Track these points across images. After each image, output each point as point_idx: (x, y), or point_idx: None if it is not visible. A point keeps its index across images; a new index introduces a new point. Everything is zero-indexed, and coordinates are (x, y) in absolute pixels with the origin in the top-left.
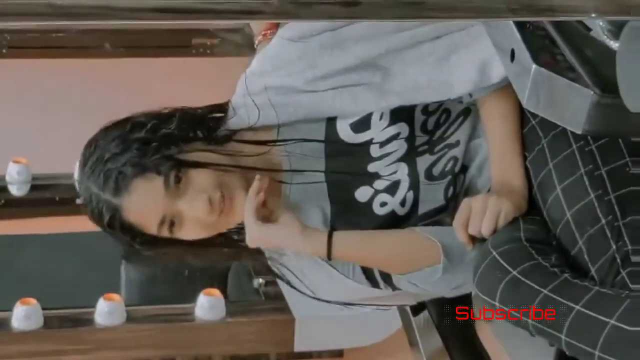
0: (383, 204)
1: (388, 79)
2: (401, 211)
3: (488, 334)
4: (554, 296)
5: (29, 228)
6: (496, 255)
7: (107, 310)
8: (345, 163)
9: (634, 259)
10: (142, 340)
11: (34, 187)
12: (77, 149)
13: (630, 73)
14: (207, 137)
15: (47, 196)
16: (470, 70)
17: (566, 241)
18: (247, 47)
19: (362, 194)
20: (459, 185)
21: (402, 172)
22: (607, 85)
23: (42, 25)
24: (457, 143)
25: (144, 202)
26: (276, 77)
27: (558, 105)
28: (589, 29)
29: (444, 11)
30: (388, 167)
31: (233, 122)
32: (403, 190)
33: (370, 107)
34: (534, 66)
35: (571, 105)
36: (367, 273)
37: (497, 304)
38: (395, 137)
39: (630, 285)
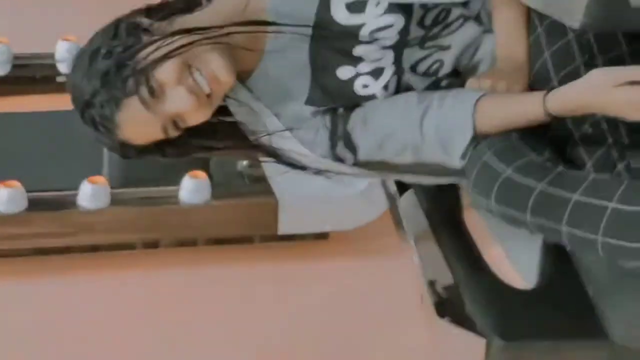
0: (365, 86)
1: None
2: (382, 95)
3: (474, 220)
4: (551, 188)
5: (10, 107)
6: (490, 154)
7: (90, 193)
8: (332, 43)
9: (631, 153)
10: (126, 223)
11: (15, 67)
12: (58, 29)
13: None
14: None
15: (28, 75)
16: None
17: (561, 134)
18: None
19: (344, 72)
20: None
21: (388, 59)
22: None
23: None
24: (449, 47)
25: (138, 128)
26: None
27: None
28: None
29: None
30: (374, 53)
31: None
32: (387, 76)
33: None
34: None
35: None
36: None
37: (493, 203)
38: (388, 26)
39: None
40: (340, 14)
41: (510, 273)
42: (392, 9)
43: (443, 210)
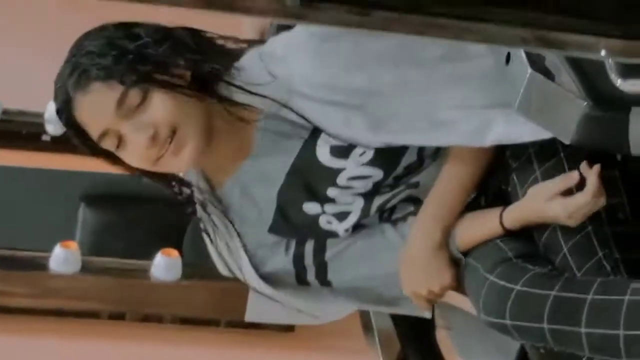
0: (329, 222)
1: (388, 113)
2: (342, 234)
3: (447, 340)
4: (564, 294)
5: None
6: (493, 279)
7: (62, 257)
8: (307, 179)
9: (624, 267)
10: (93, 292)
11: (2, 121)
12: (50, 88)
13: None
14: (195, 66)
15: (14, 129)
16: (470, 126)
17: (552, 249)
18: None
19: (310, 207)
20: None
21: (357, 205)
22: (600, 97)
23: None
24: (417, 184)
25: (94, 107)
26: (280, 66)
27: (549, 112)
28: None
29: (455, 33)
30: (345, 197)
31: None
32: (351, 221)
33: (360, 136)
34: (529, 71)
35: (562, 115)
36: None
37: (508, 322)
38: (366, 177)
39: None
40: (324, 155)
41: None
42: (374, 162)
43: (415, 325)
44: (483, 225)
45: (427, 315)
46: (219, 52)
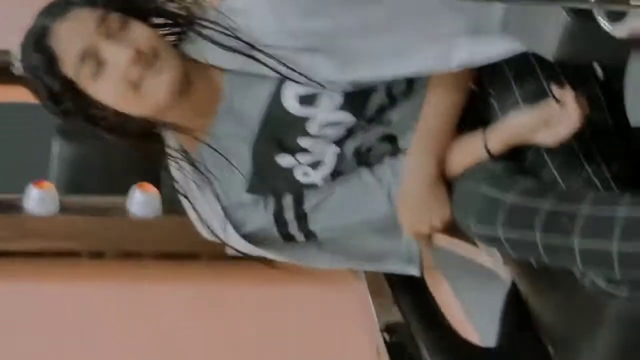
0: (305, 174)
1: (353, 52)
2: (320, 183)
3: (436, 279)
4: (557, 205)
5: None
6: (484, 190)
7: (38, 198)
8: (278, 130)
9: (614, 182)
10: (72, 231)
11: None
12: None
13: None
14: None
15: None
16: (435, 52)
17: (538, 166)
18: None
19: (283, 160)
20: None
21: (332, 152)
22: (580, 9)
23: None
24: (390, 122)
25: (74, 29)
26: (242, 19)
27: (530, 29)
28: None
29: None
30: (319, 146)
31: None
32: (328, 168)
33: (327, 78)
34: None
35: (544, 29)
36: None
37: (500, 230)
38: (338, 123)
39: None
40: (292, 105)
41: (470, 331)
42: (344, 106)
43: None
44: (467, 150)
45: (416, 273)
46: (185, 5)
